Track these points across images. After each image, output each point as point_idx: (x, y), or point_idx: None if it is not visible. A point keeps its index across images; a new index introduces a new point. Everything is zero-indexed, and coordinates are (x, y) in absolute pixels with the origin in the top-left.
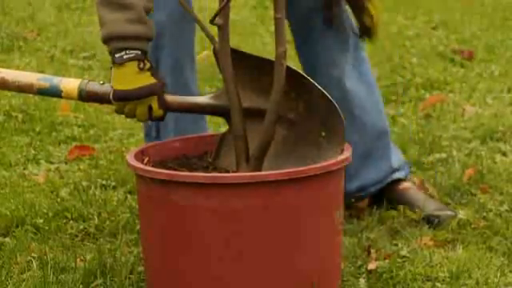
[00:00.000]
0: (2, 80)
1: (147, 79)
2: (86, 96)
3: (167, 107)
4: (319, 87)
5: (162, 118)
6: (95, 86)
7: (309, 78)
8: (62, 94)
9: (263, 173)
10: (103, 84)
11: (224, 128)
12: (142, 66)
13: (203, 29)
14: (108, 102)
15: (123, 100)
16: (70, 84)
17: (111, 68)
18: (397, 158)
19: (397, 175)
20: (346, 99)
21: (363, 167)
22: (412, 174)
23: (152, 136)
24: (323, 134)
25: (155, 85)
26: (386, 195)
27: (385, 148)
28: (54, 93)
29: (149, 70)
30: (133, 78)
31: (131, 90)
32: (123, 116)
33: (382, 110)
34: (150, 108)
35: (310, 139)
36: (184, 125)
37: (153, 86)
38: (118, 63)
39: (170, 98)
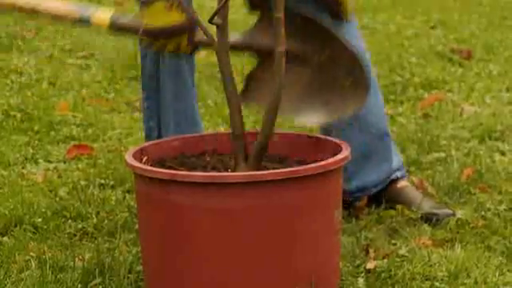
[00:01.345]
0: (34, 8)
1: (178, 17)
2: (116, 26)
3: (195, 45)
4: (344, 39)
5: (190, 54)
6: (126, 19)
7: (334, 31)
8: (93, 21)
9: (261, 172)
10: (134, 18)
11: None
12: (170, 3)
13: (202, 28)
14: (136, 34)
15: (153, 37)
16: (103, 14)
17: (140, 8)
18: (396, 158)
19: (396, 174)
20: None
21: (364, 167)
22: (410, 173)
23: (153, 137)
24: (347, 83)
25: (185, 23)
26: (384, 194)
27: (386, 149)
28: (85, 21)
29: (177, 6)
30: (163, 15)
31: (162, 28)
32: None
33: (384, 111)
34: (179, 44)
35: (334, 87)
36: (186, 128)
37: (183, 25)
38: (147, 2)
39: (198, 36)
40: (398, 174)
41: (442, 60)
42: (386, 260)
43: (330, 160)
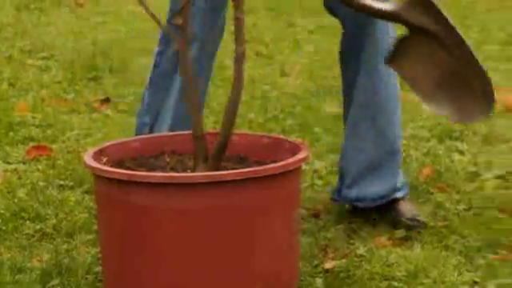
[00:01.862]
0: None
1: None
2: None
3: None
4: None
5: None
6: None
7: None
8: None
9: (221, 172)
10: None
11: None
12: None
13: (164, 29)
14: None
15: None
16: None
17: None
18: (401, 177)
19: (398, 194)
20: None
21: (368, 178)
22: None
23: (144, 133)
24: (478, 89)
25: None
26: (382, 212)
27: (394, 166)
28: None
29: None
30: None
31: None
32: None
33: (400, 128)
34: None
35: (467, 87)
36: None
37: None
38: None
39: None
40: (400, 194)
41: None
42: (344, 260)
43: (290, 160)
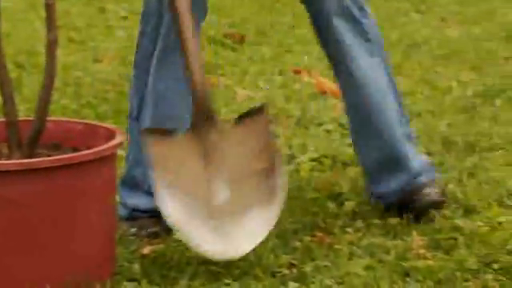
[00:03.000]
0: None
1: None
2: None
3: None
4: None
5: None
6: None
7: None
8: None
9: (36, 160)
10: None
11: None
12: None
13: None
14: None
15: None
16: None
17: None
18: (419, 162)
19: (419, 180)
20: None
21: (380, 175)
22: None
23: (133, 116)
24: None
25: None
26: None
27: (401, 157)
28: None
29: None
30: None
31: None
32: None
33: (399, 112)
34: None
35: None
36: (163, 109)
37: None
38: None
39: None
40: (422, 179)
41: (214, 44)
42: (161, 245)
43: (104, 146)
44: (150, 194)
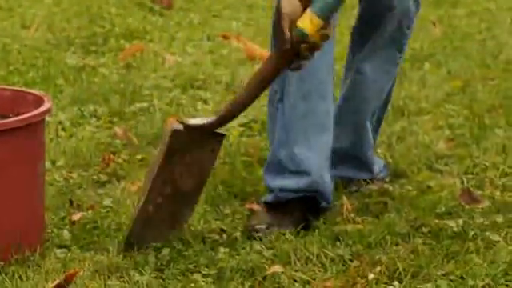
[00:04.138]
0: None
1: None
2: None
3: None
4: None
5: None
6: None
7: None
8: None
9: None
10: None
11: None
12: None
13: None
14: None
15: None
16: None
17: None
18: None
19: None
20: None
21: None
22: (113, 124)
23: (275, 100)
24: None
25: None
26: None
27: (363, 163)
28: None
29: None
30: None
31: None
32: None
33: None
34: None
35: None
36: (309, 86)
37: None
38: None
39: None
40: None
41: (142, 10)
42: (91, 211)
43: (33, 112)
44: (297, 173)
